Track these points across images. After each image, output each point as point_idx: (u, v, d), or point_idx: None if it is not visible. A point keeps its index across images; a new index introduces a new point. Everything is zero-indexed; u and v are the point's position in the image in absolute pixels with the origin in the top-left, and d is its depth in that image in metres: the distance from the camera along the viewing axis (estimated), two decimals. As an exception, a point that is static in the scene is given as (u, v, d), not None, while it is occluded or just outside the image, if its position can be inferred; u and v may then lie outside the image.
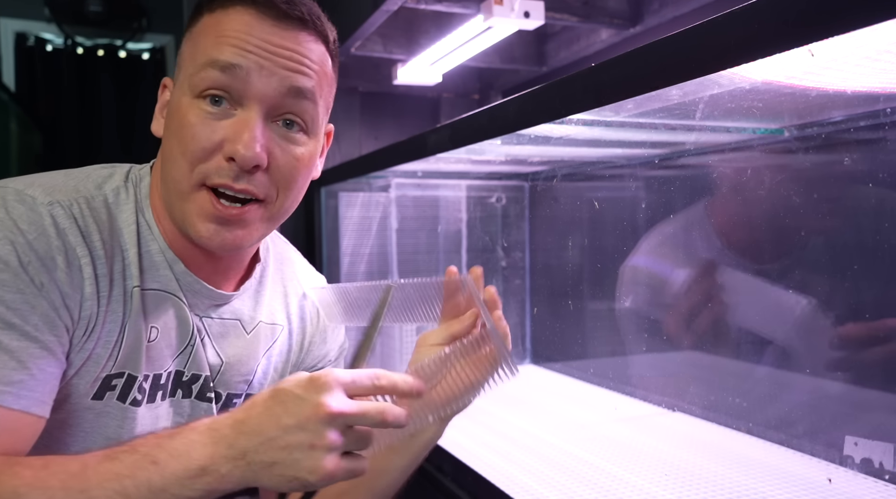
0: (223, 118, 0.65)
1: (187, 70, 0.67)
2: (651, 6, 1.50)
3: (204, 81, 0.65)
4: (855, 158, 0.91)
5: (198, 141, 0.65)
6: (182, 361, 0.74)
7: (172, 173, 0.66)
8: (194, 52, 0.67)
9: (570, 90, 0.76)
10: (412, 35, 1.76)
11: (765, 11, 0.51)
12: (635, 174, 1.35)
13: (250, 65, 0.65)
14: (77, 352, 0.65)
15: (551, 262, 1.67)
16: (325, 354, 0.89)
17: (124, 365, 0.68)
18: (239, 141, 0.64)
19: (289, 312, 0.84)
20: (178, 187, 0.66)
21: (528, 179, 1.76)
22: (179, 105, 0.66)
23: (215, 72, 0.64)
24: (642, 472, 0.96)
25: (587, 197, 1.49)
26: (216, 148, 0.65)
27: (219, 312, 0.76)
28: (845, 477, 0.91)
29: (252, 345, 0.79)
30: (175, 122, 0.66)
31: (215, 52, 0.65)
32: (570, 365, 1.59)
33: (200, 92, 0.65)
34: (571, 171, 1.53)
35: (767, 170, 1.06)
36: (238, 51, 0.65)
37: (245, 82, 0.65)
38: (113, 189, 0.70)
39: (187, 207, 0.66)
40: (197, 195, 0.66)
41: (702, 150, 1.16)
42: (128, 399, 0.69)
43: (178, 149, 0.66)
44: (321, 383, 0.54)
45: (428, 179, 1.71)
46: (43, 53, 3.39)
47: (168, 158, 0.67)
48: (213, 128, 0.65)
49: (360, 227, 1.72)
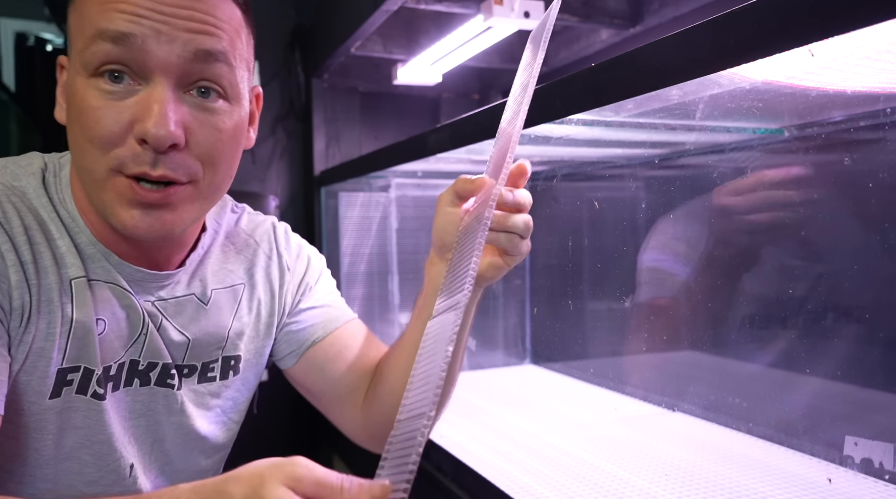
0: (127, 96, 0.59)
1: (76, 45, 0.60)
2: (651, 6, 1.50)
3: (96, 56, 0.58)
4: (855, 157, 0.91)
5: (103, 125, 0.58)
6: (136, 351, 0.70)
7: (83, 162, 0.60)
8: (81, 24, 0.59)
9: (570, 90, 0.76)
10: (412, 35, 1.76)
11: (765, 11, 0.51)
12: (635, 174, 1.35)
13: (145, 31, 0.57)
14: (17, 345, 0.62)
15: (551, 262, 1.67)
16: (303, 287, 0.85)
17: (77, 358, 0.65)
18: (148, 119, 0.57)
19: (248, 266, 0.80)
20: (91, 176, 0.60)
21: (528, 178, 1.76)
22: (76, 86, 0.60)
23: (106, 44, 0.57)
24: (642, 472, 0.96)
25: (587, 197, 1.49)
26: (126, 130, 0.58)
27: (171, 291, 0.72)
28: (845, 477, 0.91)
29: (214, 314, 0.76)
30: (75, 107, 0.60)
31: (103, 21, 0.57)
32: (570, 365, 1.59)
33: (95, 69, 0.58)
34: (571, 171, 1.53)
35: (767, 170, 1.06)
36: (129, 17, 0.57)
37: (143, 52, 0.58)
38: (31, 179, 0.66)
39: (106, 195, 0.61)
40: (114, 182, 0.60)
41: (702, 150, 1.16)
42: (88, 392, 0.66)
43: (84, 135, 0.59)
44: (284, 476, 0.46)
45: (428, 179, 1.71)
46: (43, 53, 3.39)
47: (76, 146, 0.61)
48: (118, 108, 0.58)
49: (360, 227, 1.72)
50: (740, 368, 1.14)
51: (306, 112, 2.01)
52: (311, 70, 1.94)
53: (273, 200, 1.64)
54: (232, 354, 0.79)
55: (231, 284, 0.79)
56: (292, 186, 2.07)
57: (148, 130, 0.57)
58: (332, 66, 1.86)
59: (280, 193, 2.05)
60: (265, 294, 0.82)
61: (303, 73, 1.98)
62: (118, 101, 0.58)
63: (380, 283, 1.72)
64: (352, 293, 1.73)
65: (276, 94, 2.00)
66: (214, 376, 0.78)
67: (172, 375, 0.73)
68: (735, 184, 1.09)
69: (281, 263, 0.84)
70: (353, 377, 0.85)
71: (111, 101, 0.58)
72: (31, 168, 0.67)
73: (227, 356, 0.79)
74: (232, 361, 0.80)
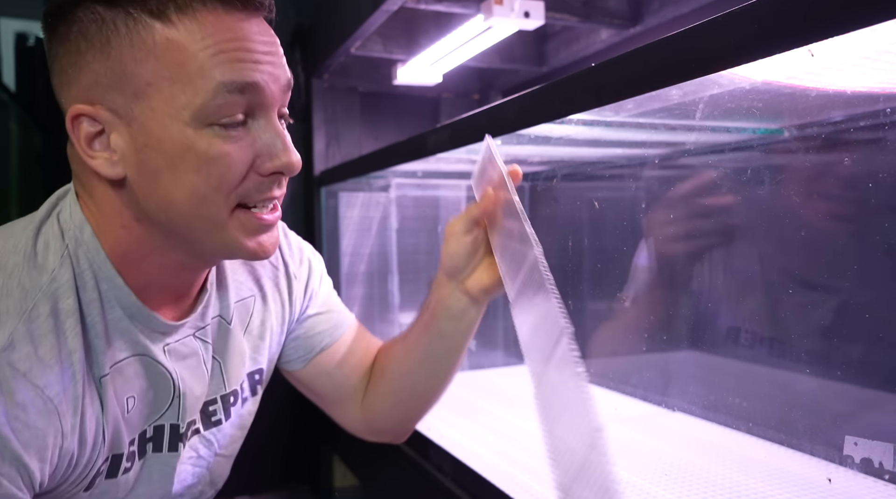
0: (246, 136, 0.59)
1: (177, 98, 0.56)
2: (651, 6, 1.50)
3: (225, 110, 0.57)
4: (855, 157, 0.91)
5: (234, 170, 0.58)
6: (173, 415, 0.69)
7: (201, 212, 0.59)
8: (179, 75, 0.56)
9: (570, 90, 0.76)
10: (412, 35, 1.76)
11: (765, 11, 0.51)
12: (635, 174, 1.35)
13: (265, 77, 0.59)
14: (67, 471, 0.61)
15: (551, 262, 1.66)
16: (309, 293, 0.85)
17: (109, 450, 0.64)
18: (282, 153, 0.60)
19: (256, 277, 0.80)
20: (214, 222, 0.60)
21: (528, 179, 1.76)
22: (184, 140, 0.57)
23: (234, 96, 0.57)
24: (642, 472, 0.96)
25: (587, 197, 1.49)
26: (249, 168, 0.60)
27: (202, 318, 0.72)
28: (845, 477, 0.91)
29: (234, 331, 0.76)
30: (191, 160, 0.57)
31: (228, 73, 0.56)
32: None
33: (216, 120, 0.57)
34: (571, 171, 1.53)
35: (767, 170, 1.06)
36: (252, 66, 0.58)
37: (262, 95, 0.59)
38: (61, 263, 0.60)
39: (228, 234, 0.61)
40: (234, 220, 0.61)
41: (702, 150, 1.16)
42: (118, 473, 0.66)
43: (208, 184, 0.58)
44: None
45: (428, 179, 1.71)
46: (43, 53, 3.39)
47: (187, 198, 0.58)
48: (244, 149, 0.59)
49: (360, 227, 1.72)
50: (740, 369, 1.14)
51: (306, 112, 2.01)
52: (311, 70, 1.94)
53: (273, 200, 1.64)
54: (254, 369, 0.80)
55: (242, 297, 0.78)
56: (292, 186, 2.07)
57: (286, 162, 0.60)
58: (332, 66, 1.86)
59: (280, 193, 2.05)
60: (275, 304, 0.81)
61: (303, 73, 1.98)
62: (240, 144, 0.59)
63: (380, 283, 1.72)
64: (352, 293, 1.73)
65: (276, 94, 2.00)
66: (247, 396, 0.79)
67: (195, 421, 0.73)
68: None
69: (288, 272, 0.83)
70: (356, 378, 0.86)
71: (233, 145, 0.58)
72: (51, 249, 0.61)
73: (250, 372, 0.79)
74: (256, 376, 0.80)
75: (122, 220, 0.62)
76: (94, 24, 0.56)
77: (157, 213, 0.60)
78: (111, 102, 0.57)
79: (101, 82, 0.57)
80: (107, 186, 0.61)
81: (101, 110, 0.58)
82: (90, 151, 0.59)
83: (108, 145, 0.59)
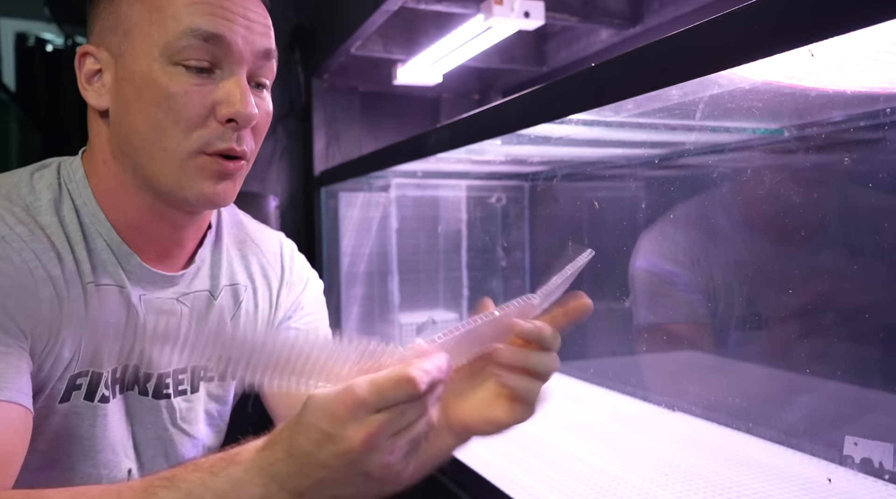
0: (209, 83, 0.65)
1: (151, 36, 0.64)
2: (651, 6, 1.50)
3: (186, 51, 0.63)
4: (855, 157, 0.91)
5: (191, 109, 0.64)
6: (136, 357, 0.72)
7: (163, 143, 0.65)
8: (157, 17, 0.64)
9: (570, 90, 0.76)
10: (412, 35, 1.76)
11: (765, 11, 0.51)
12: (635, 174, 1.35)
13: (234, 33, 0.65)
14: (47, 355, 0.65)
15: (552, 262, 1.67)
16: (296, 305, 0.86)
17: (88, 363, 0.68)
18: (238, 102, 0.65)
19: (250, 271, 0.83)
20: (171, 155, 0.65)
21: (528, 179, 1.76)
22: (150, 72, 0.64)
23: (198, 41, 0.63)
24: (642, 472, 0.96)
25: (587, 197, 1.49)
26: (209, 113, 0.65)
27: (188, 285, 0.75)
28: (845, 477, 0.91)
29: (219, 310, 0.78)
30: (151, 92, 0.64)
31: (196, 20, 0.63)
32: (571, 365, 1.59)
33: (180, 60, 0.64)
34: (571, 171, 1.53)
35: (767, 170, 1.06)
36: (220, 20, 0.64)
37: (229, 50, 0.65)
38: (47, 188, 0.69)
39: (185, 172, 0.66)
40: (197, 160, 0.66)
41: (702, 150, 1.16)
42: (96, 397, 0.68)
43: (168, 118, 0.64)
44: (341, 415, 0.46)
45: (428, 179, 1.71)
46: (43, 53, 3.39)
47: (152, 127, 0.65)
48: (202, 94, 0.65)
49: (360, 227, 1.72)
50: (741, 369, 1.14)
51: (306, 112, 2.01)
52: (311, 70, 1.94)
53: (273, 200, 1.64)
54: None
55: (234, 282, 0.81)
56: (292, 186, 2.07)
57: (239, 110, 0.65)
58: (332, 66, 1.86)
59: (280, 193, 2.05)
60: (264, 301, 0.83)
61: (303, 73, 1.98)
62: (201, 87, 0.65)
63: (380, 283, 1.72)
64: (352, 293, 1.73)
65: (276, 94, 2.00)
66: (213, 376, 0.79)
67: (168, 384, 0.75)
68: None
69: (282, 275, 0.86)
70: None
71: (195, 87, 0.64)
72: (44, 179, 0.69)
73: None
74: None
75: (104, 155, 0.69)
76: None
77: (126, 144, 0.67)
78: (109, 44, 0.67)
79: (105, 26, 0.67)
80: (98, 121, 0.69)
81: (102, 51, 0.67)
82: (87, 85, 0.69)
83: (101, 82, 0.68)
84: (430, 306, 1.72)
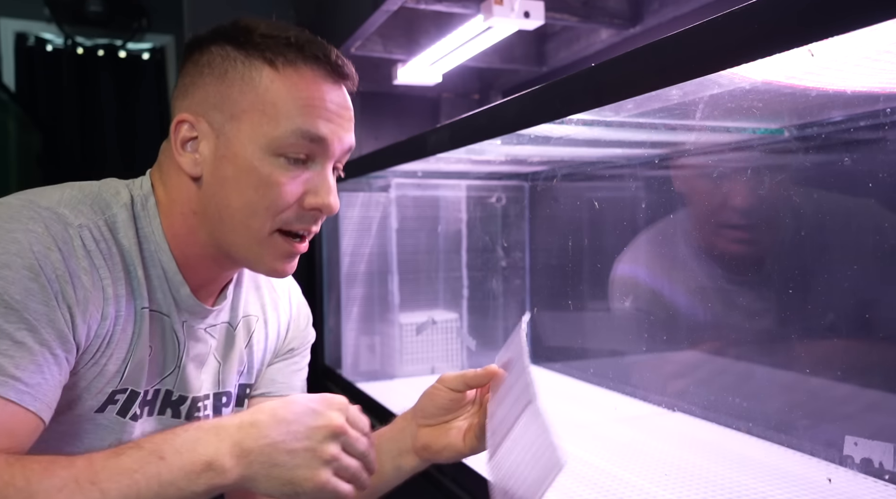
0: (302, 173, 0.71)
1: (261, 127, 0.69)
2: (651, 6, 1.50)
3: (292, 148, 0.70)
4: (855, 157, 0.91)
5: (285, 198, 0.71)
6: (171, 381, 0.77)
7: (249, 222, 0.71)
8: (270, 112, 0.69)
9: (570, 90, 0.76)
10: (412, 35, 1.76)
11: (765, 11, 0.51)
12: (635, 174, 1.35)
13: (333, 135, 0.72)
14: (90, 367, 0.68)
15: (551, 262, 1.67)
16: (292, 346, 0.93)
17: (129, 381, 0.72)
18: (324, 195, 0.72)
19: (262, 302, 0.89)
20: (255, 234, 0.72)
21: (528, 179, 1.76)
22: (252, 159, 0.70)
23: (305, 141, 0.70)
24: (642, 472, 0.96)
25: (587, 197, 1.49)
26: (298, 200, 0.72)
27: (215, 318, 0.81)
28: (845, 477, 0.91)
29: (238, 340, 0.85)
30: (251, 177, 0.70)
31: (305, 122, 0.70)
32: (571, 365, 1.59)
33: (282, 152, 0.70)
34: (571, 171, 1.53)
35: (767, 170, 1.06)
36: (326, 123, 0.71)
37: (327, 148, 0.72)
38: (123, 210, 0.72)
39: (264, 250, 0.73)
40: (272, 239, 0.72)
41: (702, 150, 1.16)
42: (128, 414, 0.73)
43: (261, 203, 0.70)
44: (337, 402, 0.65)
45: (428, 179, 1.71)
46: (43, 53, 3.39)
47: (241, 207, 0.71)
48: (295, 183, 0.71)
49: (360, 227, 1.72)
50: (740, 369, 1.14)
51: (306, 112, 2.00)
52: (311, 70, 1.93)
53: (273, 200, 1.64)
54: (247, 382, 0.87)
55: (248, 314, 0.87)
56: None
57: (327, 203, 0.73)
58: (332, 66, 1.86)
59: (280, 193, 2.05)
60: (272, 332, 0.90)
61: (303, 74, 1.97)
62: (295, 178, 0.71)
63: (380, 283, 1.72)
64: (352, 293, 1.73)
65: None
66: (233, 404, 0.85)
67: (199, 408, 0.80)
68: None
69: (290, 313, 0.92)
70: None
71: (290, 178, 0.71)
72: (120, 198, 0.73)
73: (243, 383, 0.87)
74: (247, 389, 0.88)
75: (185, 207, 0.74)
76: (220, 56, 0.72)
77: (213, 211, 0.72)
78: (211, 118, 0.71)
79: (209, 100, 0.71)
80: (183, 179, 0.73)
81: (202, 122, 0.72)
82: (182, 150, 0.72)
83: (196, 149, 0.72)
84: (430, 306, 1.72)
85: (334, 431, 0.63)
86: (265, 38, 0.71)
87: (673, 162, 1.24)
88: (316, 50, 0.71)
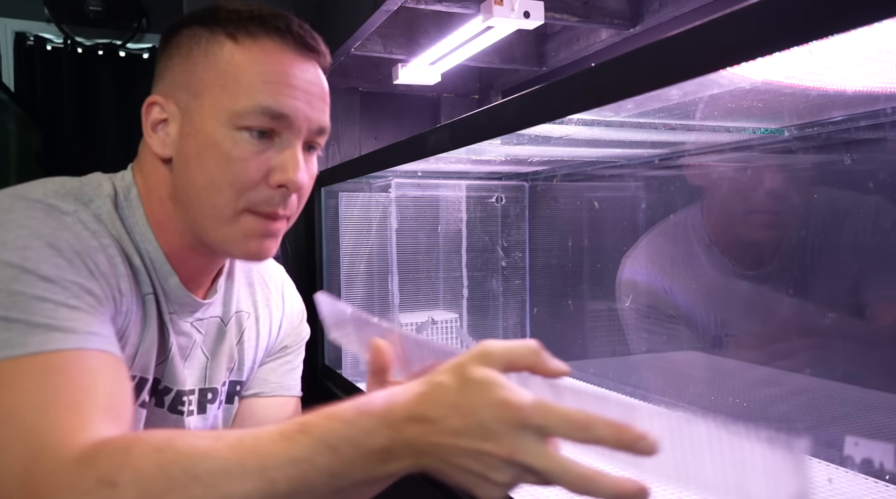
0: (266, 150, 0.70)
1: (222, 101, 0.68)
2: (651, 6, 1.50)
3: (253, 122, 0.68)
4: (855, 157, 0.91)
5: (248, 173, 0.69)
6: (160, 371, 0.77)
7: (214, 200, 0.69)
8: (231, 86, 0.68)
9: (570, 90, 0.76)
10: (412, 35, 1.76)
11: (765, 11, 0.51)
12: (635, 174, 1.35)
13: (297, 112, 0.70)
14: None
15: (551, 262, 1.67)
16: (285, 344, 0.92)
17: (138, 369, 0.72)
18: (291, 171, 0.70)
19: (255, 299, 0.88)
20: (220, 213, 0.70)
21: (528, 179, 1.76)
22: (212, 133, 0.68)
23: (266, 117, 0.68)
24: (642, 472, 0.96)
25: (587, 197, 1.49)
26: (262, 178, 0.70)
27: (204, 312, 0.81)
28: (845, 477, 0.91)
29: (229, 336, 0.84)
30: (213, 152, 0.69)
31: (266, 98, 0.68)
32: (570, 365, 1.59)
33: (244, 127, 0.68)
34: (571, 171, 1.53)
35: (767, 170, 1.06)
36: (289, 99, 0.69)
37: (291, 125, 0.70)
38: (105, 201, 0.71)
39: (231, 229, 0.71)
40: (241, 218, 0.71)
41: (702, 150, 1.16)
42: (137, 400, 0.72)
43: (224, 179, 0.69)
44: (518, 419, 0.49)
45: (428, 179, 1.71)
46: (43, 53, 3.39)
47: (206, 184, 0.69)
48: (261, 159, 0.69)
49: (360, 227, 1.72)
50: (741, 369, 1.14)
51: (306, 112, 2.00)
52: (311, 70, 1.93)
53: (273, 199, 1.64)
54: (238, 380, 0.86)
55: (239, 310, 0.86)
56: (292, 185, 2.07)
57: (291, 179, 0.70)
58: (332, 65, 1.86)
59: (280, 193, 2.04)
60: (264, 328, 0.89)
61: (303, 73, 1.97)
62: (259, 154, 0.69)
63: (380, 283, 1.72)
64: (352, 293, 1.73)
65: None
66: (222, 400, 0.84)
67: (184, 402, 0.79)
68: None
69: (283, 311, 0.91)
70: None
71: (254, 154, 0.69)
72: (102, 190, 0.72)
73: (233, 380, 0.86)
74: (237, 387, 0.87)
75: (161, 192, 0.73)
76: (187, 37, 0.71)
77: (182, 193, 0.71)
78: (178, 98, 0.71)
79: (176, 81, 0.71)
80: (157, 163, 0.73)
81: (170, 103, 0.71)
82: (152, 132, 0.72)
83: (166, 132, 0.72)
84: (430, 306, 1.72)
85: (507, 461, 0.49)
86: (229, 14, 0.70)
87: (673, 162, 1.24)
88: (279, 22, 0.70)
